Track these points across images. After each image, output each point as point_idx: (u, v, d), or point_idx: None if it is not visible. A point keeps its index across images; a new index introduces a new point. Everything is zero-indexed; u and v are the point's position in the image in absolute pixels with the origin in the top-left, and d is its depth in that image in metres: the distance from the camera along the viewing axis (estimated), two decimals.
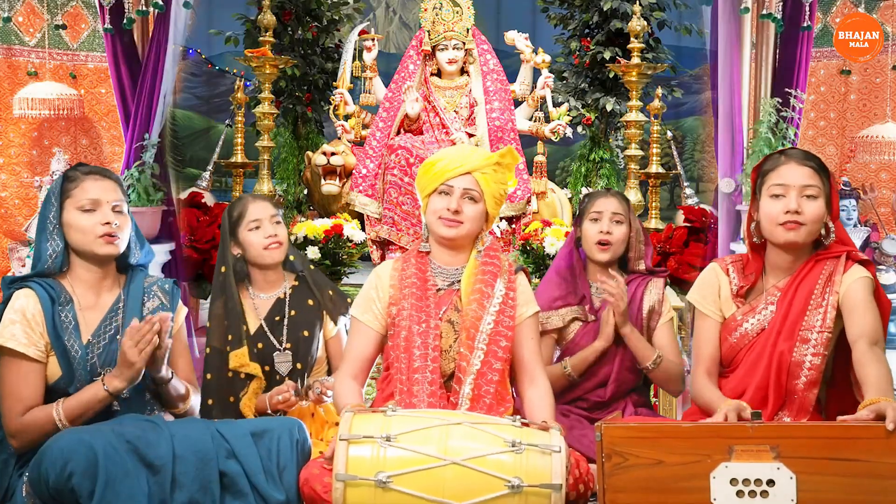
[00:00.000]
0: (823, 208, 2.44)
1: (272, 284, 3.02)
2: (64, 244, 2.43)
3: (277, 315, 2.96)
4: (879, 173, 6.32)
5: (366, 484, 2.08)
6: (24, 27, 6.11)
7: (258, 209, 2.99)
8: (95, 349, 2.41)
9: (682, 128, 6.98)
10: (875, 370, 2.24)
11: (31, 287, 2.40)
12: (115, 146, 6.24)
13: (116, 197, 2.46)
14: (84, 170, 2.49)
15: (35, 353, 2.34)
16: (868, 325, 2.34)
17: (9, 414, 2.32)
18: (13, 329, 2.34)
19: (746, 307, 2.54)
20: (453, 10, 4.74)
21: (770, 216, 2.45)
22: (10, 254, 6.06)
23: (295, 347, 2.94)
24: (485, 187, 2.52)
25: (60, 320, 2.38)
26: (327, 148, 4.66)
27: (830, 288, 2.43)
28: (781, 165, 2.46)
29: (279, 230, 2.98)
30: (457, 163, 2.52)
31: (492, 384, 2.43)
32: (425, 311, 2.50)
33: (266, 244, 2.94)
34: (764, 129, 4.43)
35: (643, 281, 3.06)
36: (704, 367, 2.55)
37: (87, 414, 2.33)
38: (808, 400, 2.43)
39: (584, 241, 3.09)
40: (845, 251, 2.46)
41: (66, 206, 2.43)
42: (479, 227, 2.57)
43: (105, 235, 2.41)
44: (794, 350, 2.42)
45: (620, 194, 3.17)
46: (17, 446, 2.34)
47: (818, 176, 2.44)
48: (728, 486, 1.99)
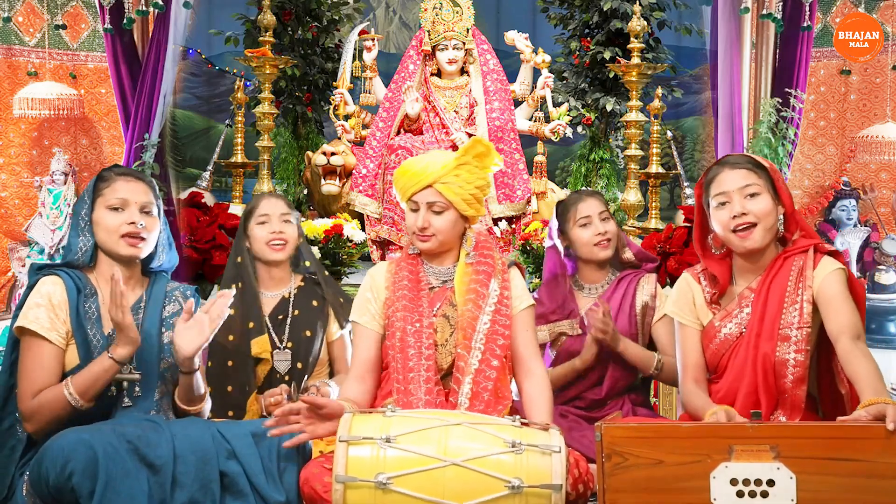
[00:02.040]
0: (770, 203, 2.45)
1: (278, 283, 3.03)
2: (93, 241, 2.47)
3: (281, 314, 2.97)
4: (879, 173, 6.32)
5: (365, 485, 2.08)
6: (24, 27, 6.11)
7: (269, 205, 3.01)
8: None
9: (682, 128, 6.98)
10: (864, 367, 2.23)
11: (58, 275, 2.43)
12: (115, 146, 6.24)
13: (146, 199, 2.50)
14: (118, 171, 2.54)
15: (56, 339, 2.37)
16: (847, 319, 2.34)
17: (23, 395, 2.34)
18: (38, 312, 2.37)
19: (722, 312, 2.54)
20: (453, 10, 4.74)
21: (721, 224, 2.47)
22: (10, 254, 6.06)
23: (296, 347, 2.94)
24: (449, 196, 2.49)
25: (84, 310, 2.41)
26: (327, 148, 4.66)
27: (803, 283, 2.43)
28: (718, 174, 2.50)
29: (287, 229, 2.98)
30: (416, 179, 2.51)
31: (490, 381, 2.44)
32: (418, 310, 2.51)
33: (270, 239, 2.96)
34: (764, 129, 4.44)
35: (635, 277, 3.06)
36: (691, 375, 2.56)
37: (96, 386, 2.33)
38: (798, 397, 2.43)
39: (577, 247, 3.07)
40: (812, 244, 2.46)
41: (97, 204, 2.48)
42: (455, 231, 2.55)
43: (127, 236, 2.44)
44: (776, 350, 2.42)
45: (595, 193, 3.18)
46: (31, 430, 2.34)
47: (754, 174, 2.46)
48: (728, 486, 1.99)
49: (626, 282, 3.05)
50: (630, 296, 3.02)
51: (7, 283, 6.10)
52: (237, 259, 3.01)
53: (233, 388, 2.89)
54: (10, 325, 2.43)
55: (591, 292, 3.09)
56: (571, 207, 3.09)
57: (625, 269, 3.11)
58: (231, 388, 2.89)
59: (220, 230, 4.21)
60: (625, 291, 3.01)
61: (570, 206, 3.10)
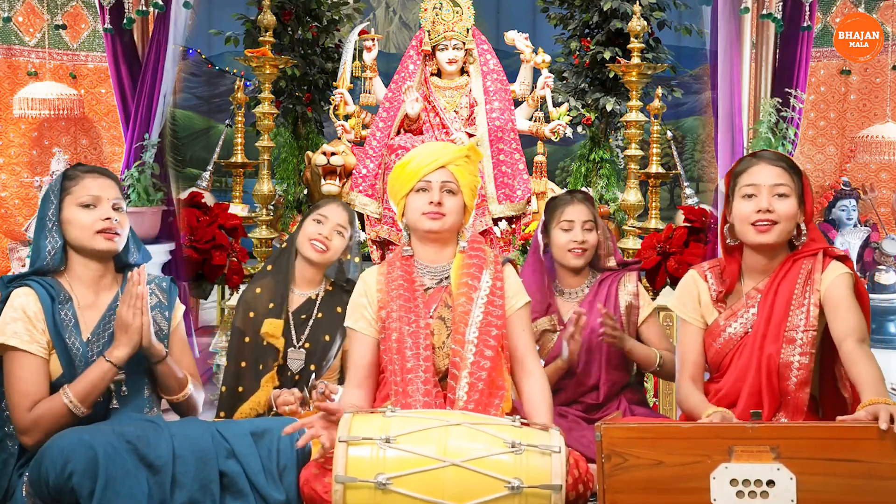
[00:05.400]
0: (796, 207, 2.45)
1: (308, 283, 3.06)
2: (62, 242, 2.45)
3: (304, 313, 3.00)
4: (879, 173, 6.32)
5: (365, 486, 2.08)
6: (24, 27, 6.11)
7: (331, 210, 3.07)
8: (95, 347, 2.42)
9: (682, 128, 6.98)
10: (867, 369, 2.24)
11: (29, 285, 2.40)
12: (115, 146, 6.24)
13: (116, 195, 2.49)
14: (83, 168, 2.53)
15: (38, 350, 2.35)
16: (853, 323, 2.35)
17: (18, 410, 2.32)
18: (15, 327, 2.35)
19: (728, 311, 2.54)
20: (453, 10, 4.74)
21: (742, 216, 2.47)
22: (10, 254, 6.06)
23: (313, 348, 2.96)
24: (461, 178, 2.57)
25: (61, 318, 2.39)
26: (327, 148, 4.66)
27: (811, 286, 2.43)
28: (752, 166, 2.49)
29: (335, 238, 3.03)
30: (431, 158, 2.56)
31: (484, 371, 2.43)
32: (414, 311, 2.51)
33: (313, 237, 3.00)
34: (764, 129, 4.43)
35: (616, 278, 3.06)
36: (689, 373, 2.56)
37: (95, 392, 2.34)
38: (801, 400, 2.43)
39: (554, 248, 3.07)
40: (821, 248, 2.47)
41: (66, 202, 2.45)
42: (461, 219, 2.60)
43: (104, 231, 2.43)
44: (781, 352, 2.43)
45: (586, 197, 3.14)
46: (31, 443, 2.32)
47: (788, 175, 2.46)
48: (728, 487, 1.99)
49: (608, 283, 3.05)
50: (613, 297, 3.02)
51: None
52: (283, 245, 3.13)
53: (247, 363, 2.94)
54: None
55: (570, 297, 3.08)
56: (559, 208, 3.09)
57: (604, 272, 3.11)
58: (245, 363, 2.95)
59: (219, 230, 4.21)
60: (607, 293, 3.01)
61: (558, 207, 3.10)
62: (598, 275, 3.10)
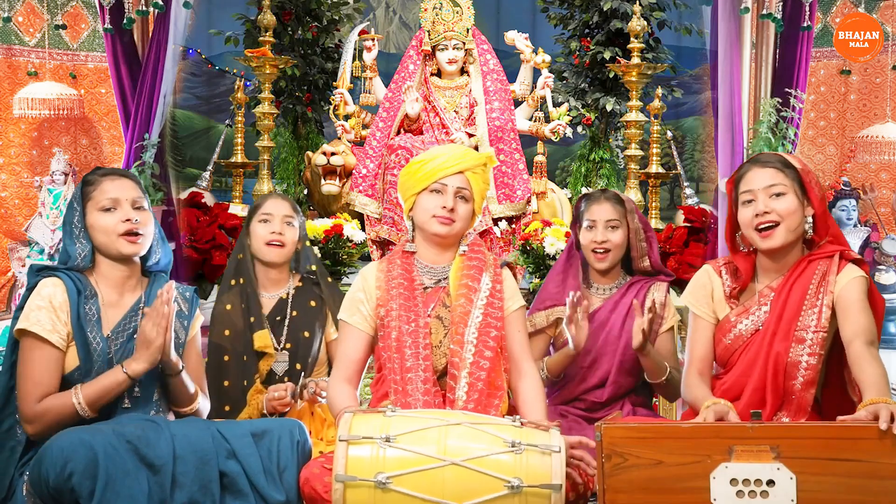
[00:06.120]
0: (796, 203, 2.45)
1: (275, 284, 3.03)
2: (91, 246, 2.47)
3: (279, 315, 2.97)
4: (879, 173, 6.32)
5: (365, 485, 2.08)
6: (24, 27, 6.11)
7: (274, 205, 3.03)
8: (114, 345, 2.44)
9: (682, 128, 6.97)
10: (872, 370, 2.25)
11: (59, 276, 2.43)
12: (115, 146, 6.24)
13: (135, 194, 2.50)
14: (101, 172, 2.54)
15: (57, 341, 2.37)
16: (863, 326, 2.35)
17: (26, 398, 2.33)
18: (39, 315, 2.37)
19: (740, 308, 2.55)
20: (453, 10, 4.73)
21: (746, 223, 2.49)
22: (10, 254, 6.06)
23: (295, 348, 2.95)
24: (475, 186, 2.58)
25: (84, 312, 2.41)
26: (327, 148, 4.65)
27: (825, 288, 2.43)
28: (747, 172, 2.52)
29: (287, 231, 2.99)
30: (452, 161, 2.56)
31: (483, 371, 2.44)
32: (414, 309, 2.51)
33: (269, 239, 2.96)
34: (764, 129, 4.43)
35: (645, 285, 3.04)
36: (696, 367, 2.57)
37: (106, 398, 2.35)
38: (805, 400, 2.43)
39: (582, 246, 3.07)
40: (838, 250, 2.47)
41: (88, 208, 2.47)
42: (469, 226, 2.62)
43: (126, 234, 2.44)
44: (790, 350, 2.43)
45: (615, 196, 3.09)
46: (32, 432, 2.34)
47: (782, 173, 2.47)
48: (728, 487, 1.99)
49: (637, 288, 3.03)
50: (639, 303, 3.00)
51: (7, 283, 6.10)
52: (238, 255, 3.04)
53: (230, 382, 2.91)
54: (10, 326, 2.42)
55: (599, 292, 3.08)
56: (585, 205, 3.07)
57: (636, 276, 3.09)
58: (227, 382, 2.91)
59: (220, 230, 4.21)
60: (634, 297, 2.98)
61: (585, 204, 3.08)
62: (629, 277, 3.08)
